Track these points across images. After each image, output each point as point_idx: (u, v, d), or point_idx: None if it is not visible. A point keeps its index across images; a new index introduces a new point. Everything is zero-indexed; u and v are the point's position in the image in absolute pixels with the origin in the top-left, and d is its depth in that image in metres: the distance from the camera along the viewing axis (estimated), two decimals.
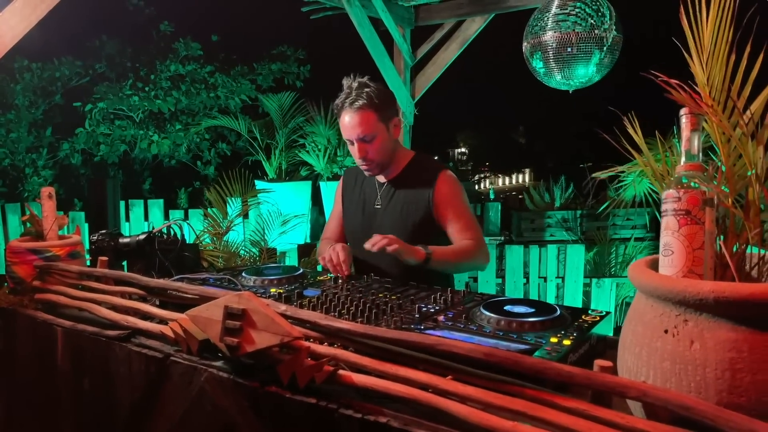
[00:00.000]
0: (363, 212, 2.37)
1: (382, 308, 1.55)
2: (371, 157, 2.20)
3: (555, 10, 3.28)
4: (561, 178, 7.29)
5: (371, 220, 2.33)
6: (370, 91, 2.16)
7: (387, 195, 2.32)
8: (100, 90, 8.05)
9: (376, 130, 2.17)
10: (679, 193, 0.96)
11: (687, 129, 1.00)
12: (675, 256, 0.96)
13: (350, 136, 2.19)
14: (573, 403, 0.92)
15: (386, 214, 2.29)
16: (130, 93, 8.07)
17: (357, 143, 2.19)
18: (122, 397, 1.59)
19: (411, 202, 2.25)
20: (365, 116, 2.15)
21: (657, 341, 0.92)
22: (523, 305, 1.49)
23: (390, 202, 2.30)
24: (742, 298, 0.84)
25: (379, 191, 2.34)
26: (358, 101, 2.15)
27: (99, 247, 2.11)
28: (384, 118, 2.19)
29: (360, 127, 2.16)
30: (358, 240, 2.28)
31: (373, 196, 2.36)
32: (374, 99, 2.15)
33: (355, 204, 2.41)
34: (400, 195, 2.28)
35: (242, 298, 1.24)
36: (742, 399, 0.85)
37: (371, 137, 2.17)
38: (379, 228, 2.24)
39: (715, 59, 1.03)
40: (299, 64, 9.41)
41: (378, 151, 2.20)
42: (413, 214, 2.24)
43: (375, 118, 2.16)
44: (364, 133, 2.16)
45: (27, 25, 2.41)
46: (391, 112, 2.23)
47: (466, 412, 0.98)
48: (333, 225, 2.52)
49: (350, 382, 1.14)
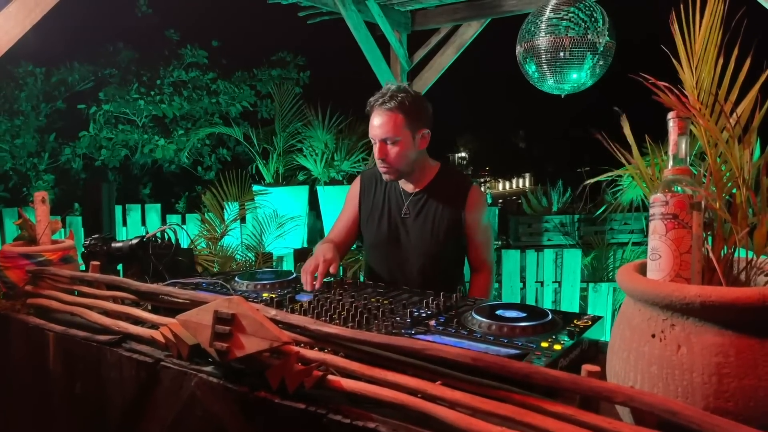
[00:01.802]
0: (389, 221, 2.34)
1: (373, 313, 1.55)
2: (389, 160, 2.19)
3: (548, 15, 3.28)
4: (559, 183, 7.28)
5: (399, 230, 2.32)
6: (404, 97, 2.16)
7: (416, 205, 2.30)
8: (109, 92, 8.06)
9: (400, 134, 2.16)
10: (666, 197, 0.96)
11: (674, 133, 1.00)
12: (662, 260, 0.96)
13: (374, 135, 2.19)
14: (560, 408, 0.91)
15: (415, 225, 2.29)
16: (136, 96, 8.09)
17: (379, 143, 2.18)
18: (114, 402, 1.59)
19: (443, 215, 2.26)
20: (392, 118, 2.15)
21: (644, 346, 0.92)
22: (515, 310, 1.49)
23: (420, 213, 2.29)
24: (728, 302, 0.84)
25: (406, 201, 2.32)
26: (390, 103, 2.15)
27: (91, 252, 2.10)
28: (412, 126, 2.18)
29: (385, 127, 2.15)
30: (383, 248, 2.33)
31: (399, 205, 2.33)
32: (406, 104, 2.15)
33: (379, 211, 2.37)
34: (431, 206, 2.28)
35: (232, 302, 1.23)
36: (729, 404, 0.85)
37: (394, 140, 2.16)
38: (408, 237, 2.29)
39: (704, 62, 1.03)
40: (299, 70, 9.43)
41: (397, 157, 2.18)
42: (445, 226, 2.26)
43: (402, 123, 2.15)
44: (387, 134, 2.16)
45: (22, 29, 2.42)
46: (421, 122, 2.21)
47: (454, 417, 0.97)
48: (339, 227, 2.44)
49: (339, 387, 1.14)
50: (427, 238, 2.26)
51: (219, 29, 9.60)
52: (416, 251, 2.27)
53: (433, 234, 2.26)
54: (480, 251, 2.34)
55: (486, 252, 2.35)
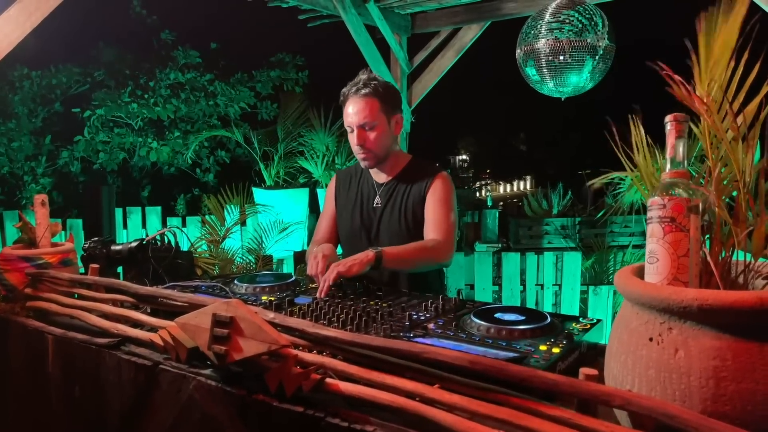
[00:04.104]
0: (361, 211, 2.39)
1: (372, 316, 1.54)
2: (369, 146, 2.24)
3: (548, 18, 3.29)
4: (559, 186, 7.29)
5: (371, 219, 2.36)
6: (377, 84, 2.24)
7: (386, 194, 2.35)
8: (99, 97, 8.05)
9: (377, 119, 2.22)
10: (664, 200, 0.96)
11: (672, 136, 1.00)
12: (660, 263, 0.96)
13: (352, 122, 2.24)
14: (558, 412, 0.91)
15: (386, 213, 2.33)
16: (128, 100, 8.07)
17: (357, 130, 2.23)
18: (113, 405, 1.59)
19: (409, 201, 2.29)
20: (369, 103, 2.21)
21: (642, 349, 0.92)
22: (514, 313, 1.49)
23: (389, 201, 2.34)
24: (725, 306, 0.84)
25: (378, 191, 2.38)
26: (364, 89, 2.21)
27: (91, 255, 2.10)
28: (387, 110, 2.25)
29: (362, 113, 2.21)
30: (357, 239, 2.35)
31: (371, 195, 2.39)
32: (380, 90, 2.23)
33: (352, 204, 2.43)
34: (399, 194, 2.32)
35: (230, 305, 1.23)
36: (727, 408, 0.85)
37: (371, 125, 2.22)
38: (378, 227, 2.32)
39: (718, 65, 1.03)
40: (298, 71, 9.44)
41: (376, 141, 2.24)
42: (411, 212, 2.28)
43: (378, 108, 2.22)
44: (365, 119, 2.21)
45: (22, 32, 2.42)
46: (394, 107, 2.29)
47: (452, 420, 0.97)
48: (323, 227, 2.51)
49: (338, 391, 1.14)
50: (395, 227, 2.29)
51: (217, 31, 9.62)
52: (387, 240, 2.27)
53: (401, 222, 2.28)
54: (429, 227, 2.24)
55: (435, 229, 2.22)
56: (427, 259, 2.19)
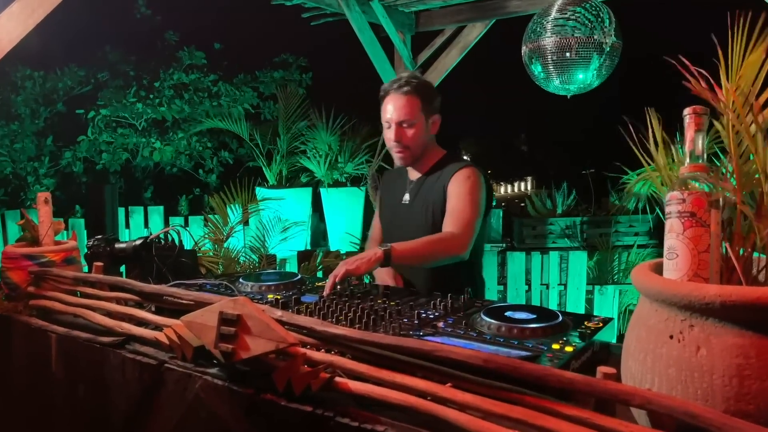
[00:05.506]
0: (393, 209, 2.43)
1: (380, 314, 1.52)
2: (405, 142, 2.24)
3: (554, 15, 3.26)
4: (563, 185, 7.24)
5: (399, 216, 2.38)
6: (419, 82, 2.25)
7: (414, 191, 2.35)
8: (105, 96, 8.04)
9: (416, 117, 2.23)
10: (683, 194, 0.94)
11: (691, 129, 0.98)
12: (680, 259, 0.93)
13: (390, 118, 2.24)
14: (575, 411, 0.89)
15: (411, 210, 2.33)
16: (134, 100, 8.07)
17: (394, 126, 2.23)
18: (117, 405, 1.57)
19: (432, 197, 2.27)
20: (409, 101, 2.21)
21: (662, 347, 0.90)
22: (525, 311, 1.46)
23: (416, 198, 2.34)
24: (749, 302, 0.81)
25: (408, 187, 2.39)
26: (406, 87, 2.22)
27: (94, 253, 2.08)
28: (426, 110, 2.25)
29: (402, 110, 2.21)
30: (390, 237, 2.34)
31: (403, 192, 2.40)
32: (421, 89, 2.23)
33: (389, 201, 2.48)
34: (426, 190, 2.31)
35: (237, 303, 1.21)
36: (750, 406, 0.82)
37: (410, 123, 2.22)
38: (406, 223, 2.32)
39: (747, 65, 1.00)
40: (301, 72, 9.42)
41: (412, 139, 2.24)
42: (433, 208, 2.26)
43: (418, 106, 2.23)
44: (404, 117, 2.21)
45: (24, 29, 2.40)
46: (433, 107, 2.29)
47: (464, 420, 0.95)
48: (375, 225, 2.58)
49: (347, 390, 1.12)
50: (421, 223, 2.27)
51: (221, 31, 9.60)
52: (413, 235, 2.22)
53: (426, 218, 2.26)
54: (446, 219, 2.18)
55: (451, 221, 2.15)
56: (439, 253, 2.11)
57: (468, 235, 2.13)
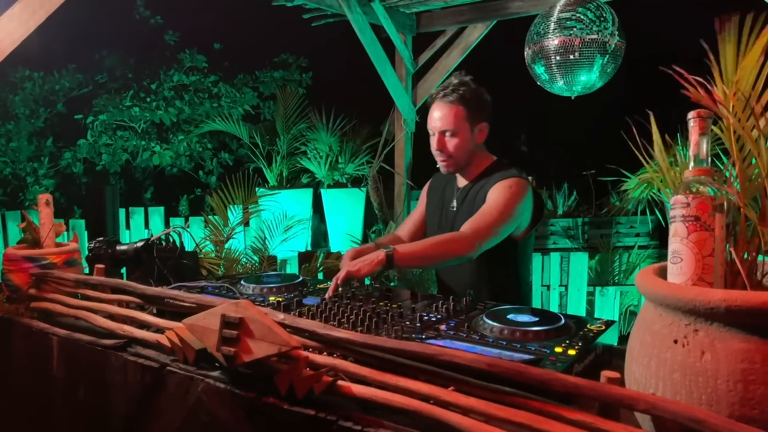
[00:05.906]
0: (440, 214, 2.40)
1: (383, 317, 1.52)
2: (447, 151, 2.22)
3: (557, 16, 3.25)
4: (564, 186, 7.23)
5: (448, 223, 2.34)
6: (466, 90, 2.20)
7: (461, 198, 2.33)
8: (99, 104, 8.03)
9: (459, 127, 2.19)
10: (687, 198, 0.93)
11: (695, 133, 0.97)
12: (684, 263, 0.93)
13: (434, 126, 2.23)
14: (579, 416, 0.89)
15: (458, 217, 2.28)
16: (129, 105, 8.05)
17: (437, 134, 2.22)
18: (118, 408, 1.56)
19: (477, 206, 2.20)
20: (453, 110, 2.18)
21: (666, 352, 0.89)
22: (527, 314, 1.46)
23: (463, 205, 2.31)
24: (754, 306, 0.81)
25: (456, 194, 2.36)
26: (451, 96, 2.19)
27: (96, 255, 2.08)
28: (471, 118, 2.21)
29: (445, 119, 2.19)
30: None
31: (450, 199, 2.38)
32: (467, 97, 2.19)
33: (435, 206, 2.45)
34: (472, 197, 2.28)
35: (240, 306, 1.21)
36: (755, 412, 0.82)
37: (453, 132, 2.20)
38: (452, 230, 2.23)
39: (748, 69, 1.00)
40: (301, 72, 9.42)
41: (455, 148, 2.21)
42: None
43: (462, 115, 2.19)
44: (446, 126, 2.19)
45: (25, 30, 2.39)
46: (480, 115, 2.24)
47: (468, 424, 0.95)
48: (407, 224, 2.53)
49: (350, 393, 1.11)
50: None
51: (221, 32, 9.58)
52: None
53: None
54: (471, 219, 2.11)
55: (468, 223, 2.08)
56: (444, 254, 2.05)
57: (479, 237, 2.05)
